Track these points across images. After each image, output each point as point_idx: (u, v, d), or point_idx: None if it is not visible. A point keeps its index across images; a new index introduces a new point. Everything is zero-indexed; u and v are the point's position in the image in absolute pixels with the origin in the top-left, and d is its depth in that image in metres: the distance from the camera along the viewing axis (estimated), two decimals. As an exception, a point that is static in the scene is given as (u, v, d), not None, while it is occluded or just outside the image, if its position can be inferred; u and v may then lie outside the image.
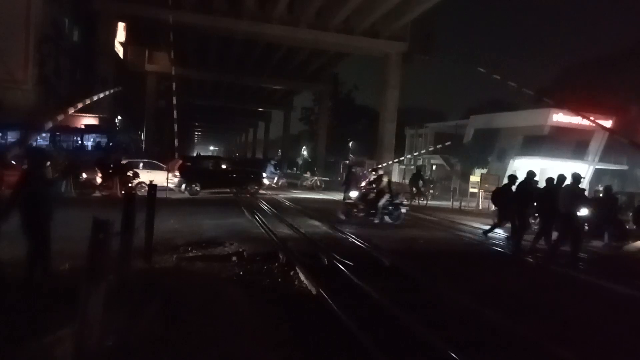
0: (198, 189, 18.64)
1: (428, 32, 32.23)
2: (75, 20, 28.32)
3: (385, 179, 13.69)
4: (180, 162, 19.72)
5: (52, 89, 24.06)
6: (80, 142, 21.15)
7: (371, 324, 4.79)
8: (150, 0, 26.38)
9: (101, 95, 14.39)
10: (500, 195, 11.09)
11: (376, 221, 13.01)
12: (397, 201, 13.66)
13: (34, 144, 18.73)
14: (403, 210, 13.66)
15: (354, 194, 14.93)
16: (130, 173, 16.64)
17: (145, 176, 17.01)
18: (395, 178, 35.45)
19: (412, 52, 31.86)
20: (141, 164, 19.12)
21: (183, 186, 18.52)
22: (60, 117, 10.59)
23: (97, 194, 15.91)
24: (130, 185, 15.79)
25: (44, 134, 19.79)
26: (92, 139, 21.59)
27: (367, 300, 5.69)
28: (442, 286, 6.49)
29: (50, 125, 13.95)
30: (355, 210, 13.50)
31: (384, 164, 28.67)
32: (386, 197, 13.23)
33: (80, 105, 12.59)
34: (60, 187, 14.17)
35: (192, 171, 19.29)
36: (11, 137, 19.44)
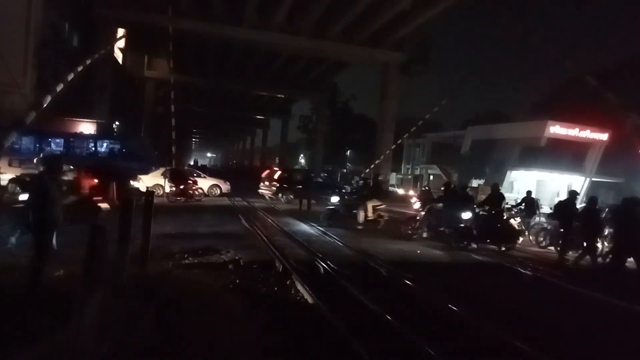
0: (292, 198, 20.79)
1: (426, 43, 32.50)
2: (75, 26, 28.35)
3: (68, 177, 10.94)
4: (279, 173, 22.57)
5: (49, 93, 24.00)
6: (93, 148, 21.39)
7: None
8: (150, 7, 26.51)
9: (70, 76, 13.39)
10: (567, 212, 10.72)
11: None
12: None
13: (48, 149, 19.24)
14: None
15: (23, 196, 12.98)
16: (190, 181, 18.85)
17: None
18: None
19: (411, 63, 32.09)
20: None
21: (279, 194, 21.20)
22: (30, 119, 9.83)
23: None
24: (194, 191, 18.56)
25: (57, 140, 20.48)
26: (105, 146, 21.83)
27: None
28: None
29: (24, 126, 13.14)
30: None
31: (379, 159, 28.97)
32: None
33: (48, 99, 11.85)
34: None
35: (287, 182, 21.54)
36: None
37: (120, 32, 30.57)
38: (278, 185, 21.62)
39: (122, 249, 5.52)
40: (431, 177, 43.74)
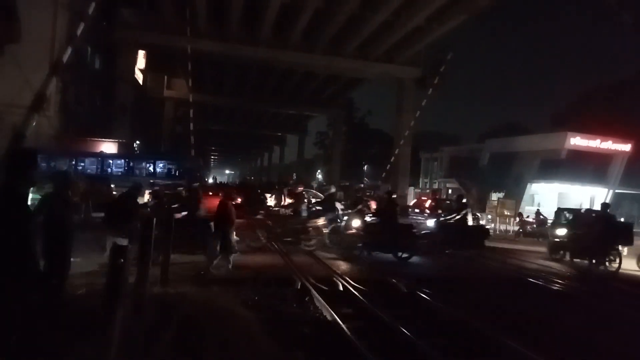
0: None
1: (441, 58, 32.49)
2: (96, 49, 29.18)
3: None
4: (429, 202, 25.15)
5: (72, 115, 24.68)
6: (152, 169, 22.11)
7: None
8: (169, 29, 27.15)
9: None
10: None
11: None
12: None
13: (109, 171, 20.36)
14: None
15: None
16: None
17: None
18: (411, 201, 34.87)
19: (426, 78, 32.09)
20: None
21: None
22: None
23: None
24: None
25: (118, 161, 21.50)
26: (162, 166, 22.73)
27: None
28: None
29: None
30: None
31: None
32: None
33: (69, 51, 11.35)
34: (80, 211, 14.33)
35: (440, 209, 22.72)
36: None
37: (141, 54, 31.36)
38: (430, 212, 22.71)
39: (142, 267, 5.58)
40: (450, 190, 43.32)
